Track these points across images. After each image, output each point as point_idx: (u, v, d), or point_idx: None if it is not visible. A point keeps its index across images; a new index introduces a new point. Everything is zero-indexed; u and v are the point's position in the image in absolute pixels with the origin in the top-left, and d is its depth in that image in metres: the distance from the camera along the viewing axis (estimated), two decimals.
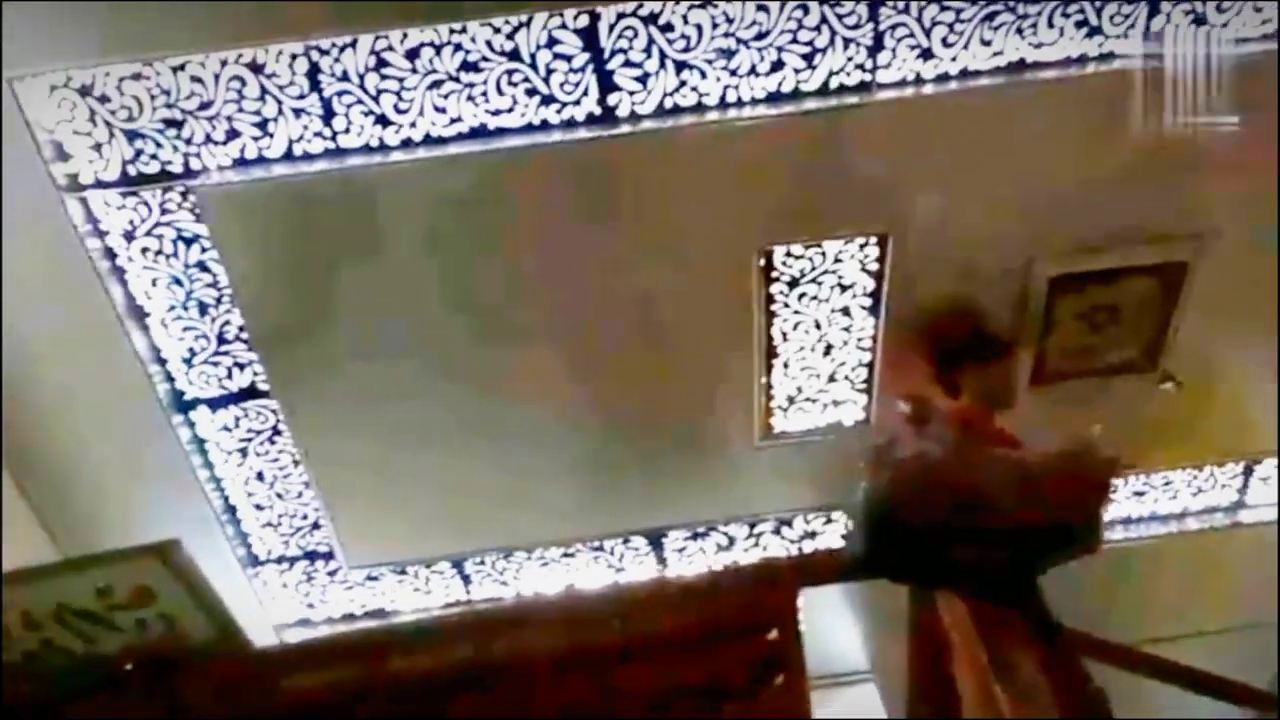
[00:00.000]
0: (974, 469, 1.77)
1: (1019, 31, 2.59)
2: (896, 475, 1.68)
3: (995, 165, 2.78)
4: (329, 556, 3.55)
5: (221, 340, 2.97)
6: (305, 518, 3.44)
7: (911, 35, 2.57)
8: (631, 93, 2.61)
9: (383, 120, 2.60)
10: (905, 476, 1.69)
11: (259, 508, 3.39)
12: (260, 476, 3.31)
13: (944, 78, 2.64)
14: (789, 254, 2.95)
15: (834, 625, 3.81)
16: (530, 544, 3.63)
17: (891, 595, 2.32)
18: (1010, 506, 1.70)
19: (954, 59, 2.62)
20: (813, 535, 3.71)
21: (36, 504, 3.15)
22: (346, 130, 2.61)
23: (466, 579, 3.69)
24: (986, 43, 2.60)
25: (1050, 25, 2.58)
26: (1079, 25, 2.59)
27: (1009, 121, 2.71)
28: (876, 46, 2.58)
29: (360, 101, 2.56)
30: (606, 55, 2.54)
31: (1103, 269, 2.96)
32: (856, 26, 2.55)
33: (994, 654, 1.62)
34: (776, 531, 3.69)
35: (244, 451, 3.23)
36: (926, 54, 2.61)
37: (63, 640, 1.50)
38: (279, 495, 3.36)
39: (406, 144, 2.64)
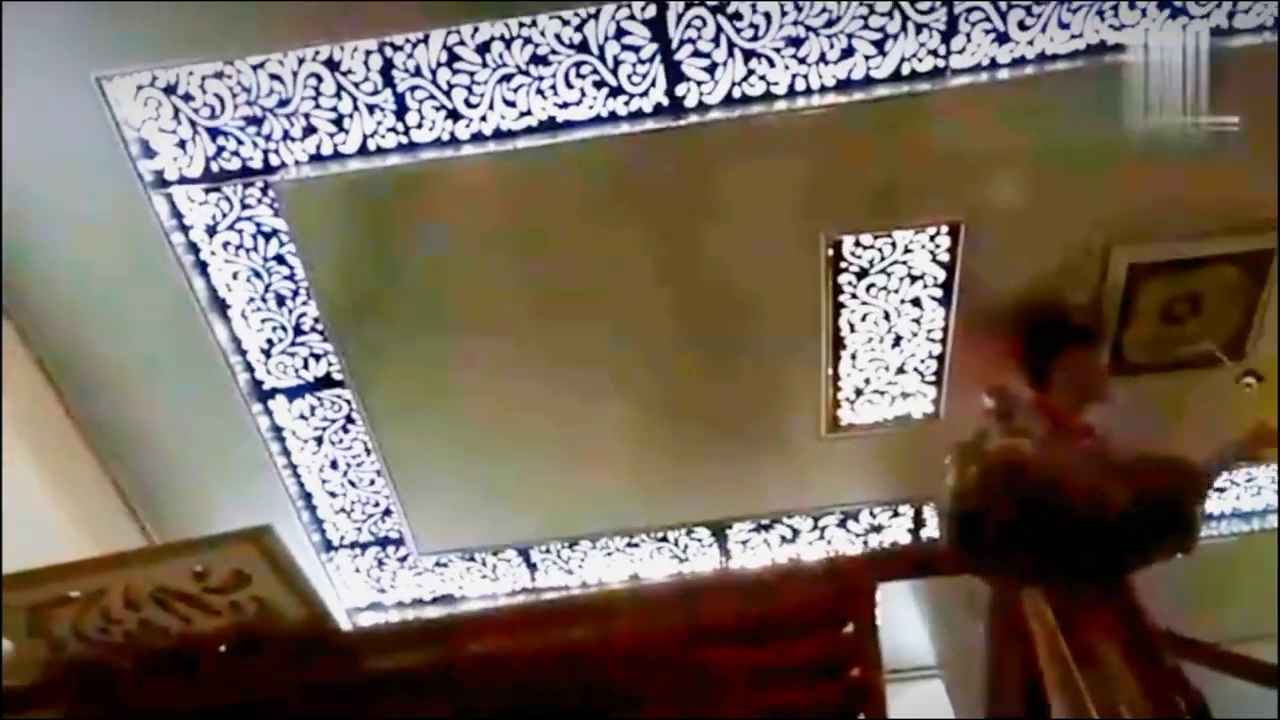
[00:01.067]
0: (1065, 461, 1.73)
1: (1099, 13, 2.52)
2: (984, 470, 1.65)
3: (1071, 151, 2.71)
4: (400, 543, 3.62)
5: (298, 331, 3.04)
6: (377, 505, 3.51)
7: (987, 19, 2.52)
8: (699, 83, 2.60)
9: (454, 114, 2.64)
10: (993, 470, 1.66)
11: (333, 494, 3.47)
12: (334, 464, 3.39)
13: (1020, 62, 2.59)
14: (858, 244, 2.91)
15: (901, 620, 3.77)
16: (595, 533, 3.66)
17: (960, 591, 2.29)
18: (1103, 500, 1.66)
19: (1030, 42, 2.56)
20: (879, 529, 3.67)
21: (124, 488, 3.27)
22: (419, 125, 2.65)
23: (533, 567, 3.74)
24: (1065, 25, 2.54)
25: (1132, 6, 2.51)
26: (1161, 6, 2.51)
27: (1086, 105, 2.63)
28: (950, 31, 2.54)
29: (432, 96, 2.60)
30: (675, 45, 2.54)
31: (1184, 258, 2.87)
32: (930, 11, 2.51)
33: (1078, 648, 1.59)
34: (842, 525, 3.66)
35: (319, 440, 3.31)
36: (1002, 38, 2.56)
37: (161, 620, 1.56)
38: (352, 483, 3.44)
39: (477, 137, 2.67)
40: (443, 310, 2.97)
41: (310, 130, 2.66)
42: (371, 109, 2.63)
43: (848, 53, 2.57)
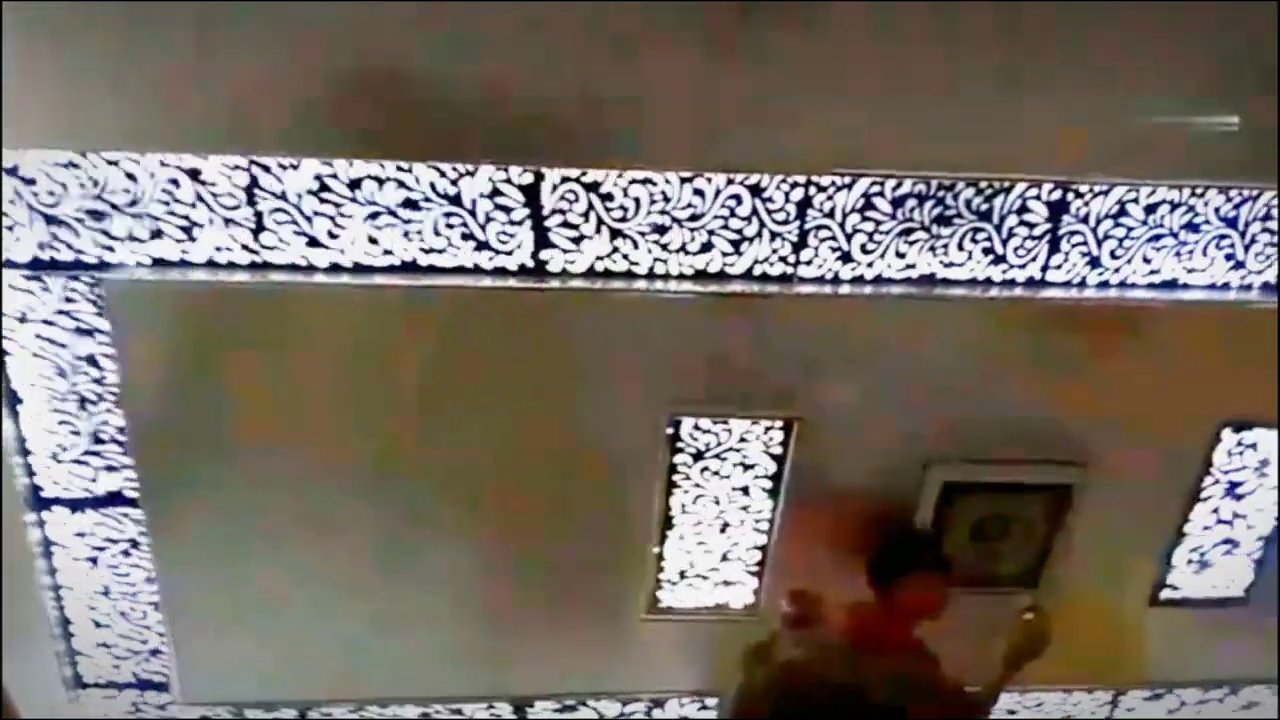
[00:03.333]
0: (857, 679, 1.71)
1: (932, 249, 2.77)
2: (769, 678, 1.61)
3: (906, 368, 2.91)
4: (162, 688, 3.25)
5: (96, 440, 2.80)
6: (145, 642, 3.17)
7: (834, 238, 2.72)
8: (565, 251, 2.67)
9: (314, 242, 2.59)
10: (778, 682, 1.61)
11: (97, 625, 3.11)
12: (106, 591, 3.05)
13: (860, 280, 2.79)
14: (697, 427, 2.98)
15: None
16: (384, 699, 3.40)
17: None
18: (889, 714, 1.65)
19: (870, 265, 2.77)
20: None
21: None
22: (274, 247, 2.58)
23: None
24: (901, 255, 2.77)
25: (960, 248, 2.78)
26: (985, 252, 2.79)
27: (924, 328, 2.86)
28: (801, 243, 2.72)
29: (294, 221, 2.56)
30: (546, 213, 2.61)
31: (994, 482, 3.07)
32: (784, 223, 2.69)
33: None
34: (648, 713, 3.55)
35: (94, 560, 2.99)
36: (846, 257, 2.76)
37: None
38: (121, 614, 3.10)
39: (333, 268, 2.62)
40: (259, 441, 2.80)
41: (156, 234, 2.54)
42: (228, 222, 2.55)
43: (707, 247, 2.70)
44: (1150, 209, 2.78)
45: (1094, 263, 2.84)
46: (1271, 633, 3.57)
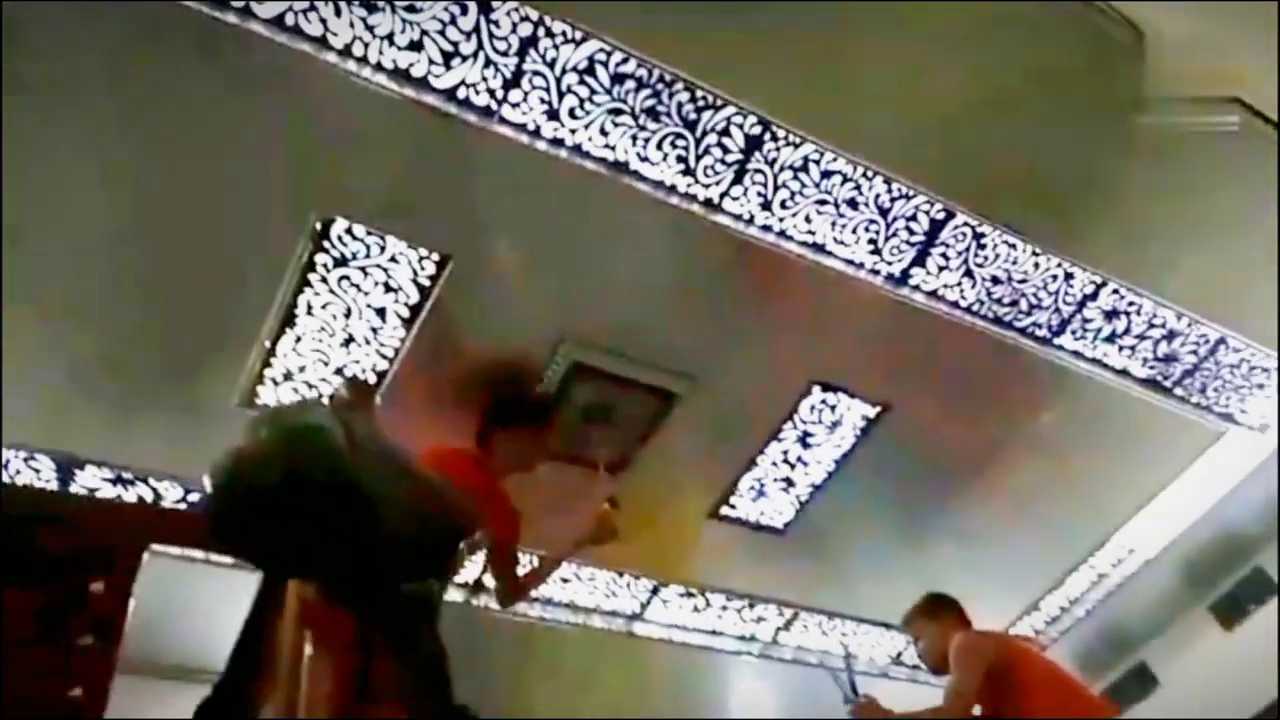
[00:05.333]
0: (362, 459, 1.65)
1: (633, 139, 2.78)
2: (282, 438, 1.52)
3: (573, 245, 2.94)
4: None
5: None
6: None
7: (546, 89, 2.64)
8: None
9: None
10: (283, 445, 1.51)
11: None
12: None
13: (558, 143, 2.74)
14: (349, 231, 2.81)
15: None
16: None
17: None
18: (381, 509, 1.62)
19: (573, 132, 2.73)
20: None
21: None
22: None
23: None
24: (605, 133, 2.76)
25: (659, 148, 2.82)
26: (679, 159, 2.86)
27: (601, 214, 2.89)
28: (513, 81, 2.61)
29: None
30: None
31: (615, 373, 3.23)
32: (504, 54, 2.56)
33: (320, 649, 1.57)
34: None
35: None
36: (553, 113, 2.69)
37: None
38: None
39: None
40: None
41: None
42: None
43: (416, 46, 2.50)
44: (826, 174, 3.00)
45: (766, 205, 3.02)
46: (792, 563, 4.16)
